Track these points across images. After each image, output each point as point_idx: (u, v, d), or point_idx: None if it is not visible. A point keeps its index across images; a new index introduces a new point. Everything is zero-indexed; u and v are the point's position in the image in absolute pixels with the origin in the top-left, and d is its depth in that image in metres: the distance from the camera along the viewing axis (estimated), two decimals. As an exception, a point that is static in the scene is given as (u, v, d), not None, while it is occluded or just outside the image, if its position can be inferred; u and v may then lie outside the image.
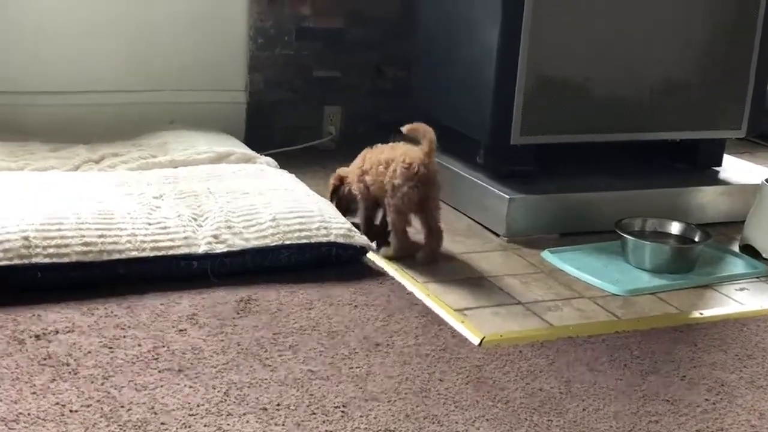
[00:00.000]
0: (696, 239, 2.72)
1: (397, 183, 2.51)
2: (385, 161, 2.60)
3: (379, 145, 2.71)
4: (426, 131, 2.55)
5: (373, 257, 2.55)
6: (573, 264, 2.61)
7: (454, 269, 2.56)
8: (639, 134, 3.07)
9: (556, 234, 2.87)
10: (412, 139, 2.61)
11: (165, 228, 2.34)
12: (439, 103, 3.22)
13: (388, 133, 3.37)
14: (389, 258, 2.54)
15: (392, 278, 2.43)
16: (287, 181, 2.78)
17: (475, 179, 2.99)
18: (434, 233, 2.57)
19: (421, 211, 2.55)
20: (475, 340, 2.11)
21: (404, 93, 3.59)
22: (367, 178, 2.61)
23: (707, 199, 3.06)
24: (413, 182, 2.51)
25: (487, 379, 1.94)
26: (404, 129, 2.59)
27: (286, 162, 3.25)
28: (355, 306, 2.24)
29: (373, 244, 2.54)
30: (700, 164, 3.25)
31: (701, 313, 2.36)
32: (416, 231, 2.61)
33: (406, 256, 2.54)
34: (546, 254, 2.70)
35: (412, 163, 2.52)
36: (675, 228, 2.78)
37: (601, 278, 2.52)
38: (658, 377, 1.99)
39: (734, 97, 3.12)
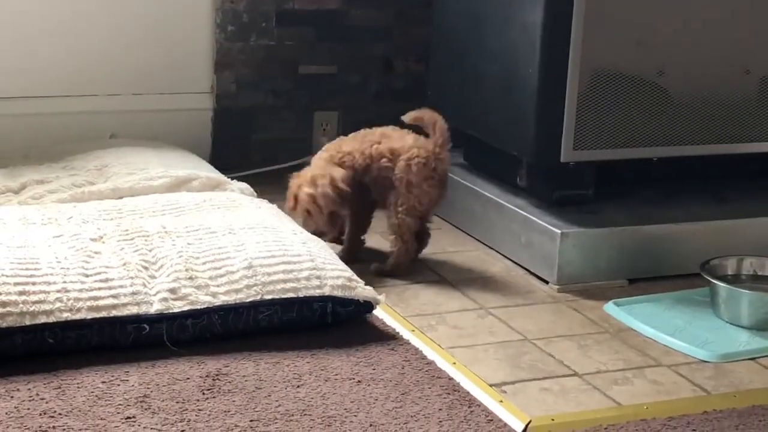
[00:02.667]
0: (810, 285, 2.71)
1: (415, 180, 2.66)
2: (389, 152, 2.74)
3: (364, 131, 2.90)
4: (435, 119, 2.76)
5: (383, 315, 2.55)
6: (647, 321, 2.60)
7: (488, 329, 2.55)
8: (732, 146, 3.07)
9: (624, 280, 2.86)
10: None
11: (106, 281, 2.34)
12: (463, 108, 3.23)
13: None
14: (388, 272, 2.67)
15: (407, 342, 2.43)
16: (267, 215, 2.79)
17: (514, 208, 2.99)
18: (425, 238, 2.85)
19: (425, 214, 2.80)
20: (519, 427, 2.10)
21: (420, 94, 3.60)
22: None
23: (824, 231, 3.05)
24: (434, 179, 2.70)
25: (534, 479, 1.93)
26: (407, 117, 2.78)
27: (266, 187, 3.26)
28: (359, 381, 2.23)
29: (382, 297, 2.54)
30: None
31: (818, 386, 2.35)
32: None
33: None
34: (610, 307, 2.69)
35: (429, 157, 2.71)
36: (780, 270, 2.78)
37: (684, 339, 2.51)
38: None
39: None
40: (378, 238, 2.97)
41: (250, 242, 2.54)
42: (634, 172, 3.12)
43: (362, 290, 2.47)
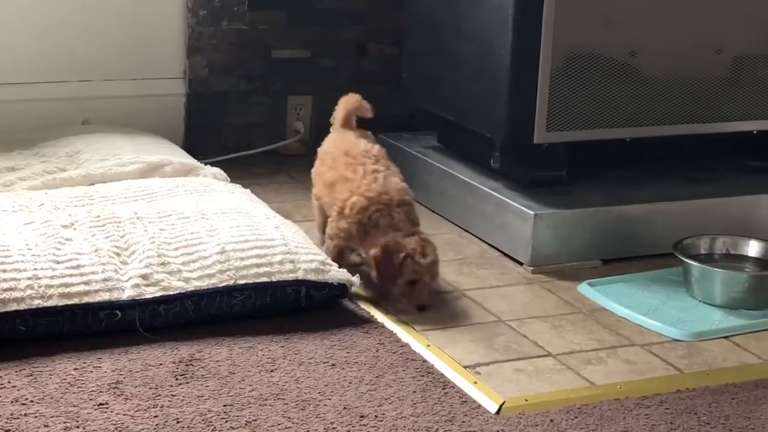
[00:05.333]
0: (781, 263, 2.72)
1: None
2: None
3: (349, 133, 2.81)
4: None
5: (358, 299, 2.54)
6: (620, 300, 2.61)
7: (463, 312, 2.55)
8: (703, 125, 3.08)
9: (598, 261, 2.87)
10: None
11: (78, 267, 2.33)
12: (437, 91, 3.23)
13: (375, 130, 3.38)
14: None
15: (381, 326, 2.43)
16: (240, 200, 2.78)
17: (488, 190, 2.99)
18: None
19: None
20: (492, 407, 2.10)
21: (395, 77, 3.59)
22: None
23: (796, 209, 3.07)
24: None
25: (508, 459, 1.93)
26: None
27: (239, 172, 3.25)
28: (333, 365, 2.23)
29: (356, 278, 2.54)
30: (782, 161, 3.26)
31: (790, 363, 2.36)
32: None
33: None
34: (584, 288, 2.69)
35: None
36: (753, 249, 2.78)
37: (657, 318, 2.52)
38: (734, 451, 1.99)
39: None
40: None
41: (223, 227, 2.53)
42: (608, 152, 3.12)
43: (336, 273, 2.47)
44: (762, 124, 3.15)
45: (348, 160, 2.65)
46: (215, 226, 2.53)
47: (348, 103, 2.85)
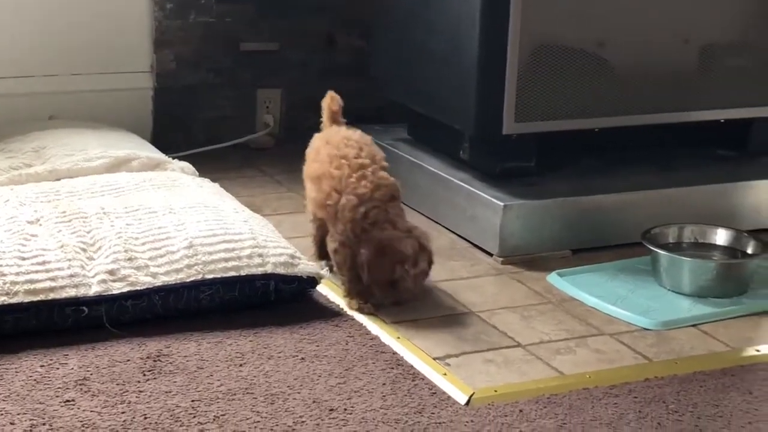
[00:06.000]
0: (749, 251, 2.73)
1: None
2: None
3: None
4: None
5: (327, 291, 2.54)
6: (589, 290, 2.62)
7: (433, 303, 2.55)
8: (672, 115, 3.09)
9: (567, 251, 2.88)
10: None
11: (43, 263, 2.31)
12: (406, 83, 3.22)
13: (348, 123, 3.36)
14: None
15: (351, 318, 2.43)
16: (208, 194, 2.76)
17: (458, 181, 2.99)
18: None
19: None
20: (462, 398, 2.10)
21: (364, 69, 3.59)
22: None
23: (763, 197, 3.08)
24: None
25: (477, 450, 1.93)
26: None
27: (208, 166, 3.24)
28: (302, 358, 2.22)
29: (326, 272, 2.53)
30: (752, 151, 3.27)
31: (758, 350, 2.37)
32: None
33: None
34: (554, 278, 2.70)
35: None
36: (721, 237, 2.80)
37: (626, 308, 2.53)
38: (702, 439, 2.00)
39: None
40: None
41: (191, 222, 2.51)
42: (577, 143, 3.12)
43: (305, 267, 2.46)
44: (729, 113, 3.16)
45: (331, 152, 2.55)
46: (183, 221, 2.51)
47: (328, 100, 2.75)
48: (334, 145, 2.57)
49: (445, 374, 2.19)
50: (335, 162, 2.52)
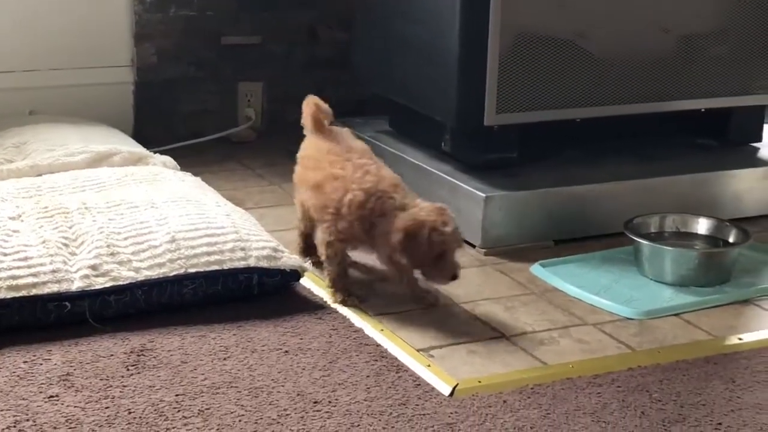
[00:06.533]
0: (731, 240, 2.74)
1: None
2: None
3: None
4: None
5: (310, 284, 2.54)
6: (572, 280, 2.63)
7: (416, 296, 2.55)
8: (652, 105, 3.10)
9: (550, 242, 2.89)
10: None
11: (25, 259, 2.30)
12: (388, 74, 3.22)
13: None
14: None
15: (334, 311, 2.43)
16: (190, 188, 2.76)
17: (440, 173, 3.00)
18: None
19: None
20: (446, 390, 2.11)
21: (346, 62, 3.59)
22: None
23: (744, 186, 3.10)
24: None
25: (461, 441, 1.94)
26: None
27: (189, 160, 3.24)
28: (286, 351, 2.23)
29: (308, 265, 2.53)
30: (733, 140, 3.29)
31: (740, 339, 2.39)
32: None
33: None
34: (537, 269, 2.71)
35: None
36: (703, 226, 2.81)
37: (608, 298, 2.54)
38: (685, 427, 2.01)
39: (772, 51, 3.18)
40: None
41: (173, 216, 2.51)
42: (559, 133, 3.13)
43: (288, 260, 2.46)
44: (709, 102, 3.18)
45: (331, 158, 2.51)
46: (165, 215, 2.51)
47: (308, 106, 2.65)
48: (336, 154, 2.52)
49: (428, 366, 2.20)
50: (338, 164, 2.48)
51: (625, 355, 2.29)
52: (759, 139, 3.31)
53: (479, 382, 2.15)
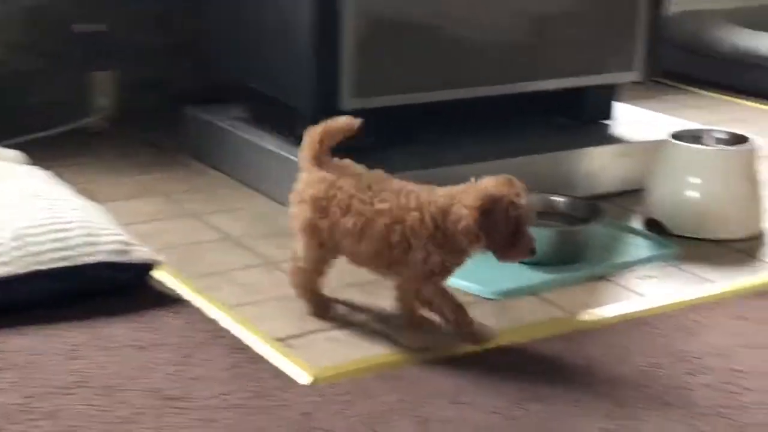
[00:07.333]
0: (585, 217, 2.79)
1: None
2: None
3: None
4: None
5: (166, 278, 2.49)
6: (431, 263, 2.63)
7: (275, 284, 2.53)
8: (507, 86, 3.13)
9: (409, 225, 2.89)
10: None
11: None
12: (242, 60, 3.19)
13: (185, 104, 3.31)
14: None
15: (190, 304, 2.39)
16: (39, 183, 2.68)
17: (295, 158, 2.94)
18: None
19: None
20: (305, 379, 2.09)
21: (199, 48, 3.53)
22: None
23: (598, 164, 3.16)
24: None
25: (318, 430, 1.92)
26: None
27: (41, 154, 3.14)
28: (140, 348, 2.18)
29: (162, 258, 2.48)
30: (586, 118, 3.35)
31: (595, 315, 2.43)
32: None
33: None
34: (396, 253, 2.71)
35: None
36: (560, 205, 2.84)
37: (465, 278, 2.54)
38: (542, 405, 2.03)
39: (623, 31, 3.23)
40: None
41: (19, 213, 2.43)
42: (419, 116, 3.14)
43: (140, 253, 2.41)
44: (566, 82, 3.23)
45: (366, 196, 2.25)
46: (10, 211, 2.43)
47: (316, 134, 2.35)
48: (358, 190, 2.26)
49: (287, 356, 2.18)
50: (377, 197, 2.24)
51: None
52: (610, 116, 3.38)
53: (339, 369, 2.14)
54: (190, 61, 3.63)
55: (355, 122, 2.32)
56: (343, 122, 2.32)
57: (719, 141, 2.95)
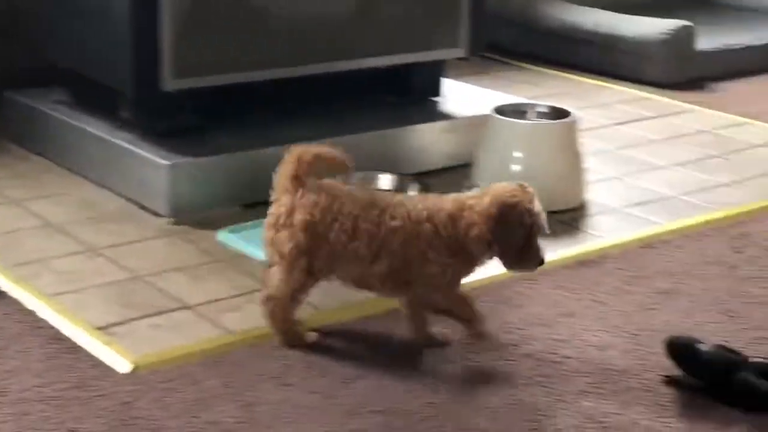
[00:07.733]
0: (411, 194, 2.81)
1: None
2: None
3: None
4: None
5: (-21, 268, 2.41)
6: (260, 244, 2.60)
7: (96, 271, 2.48)
8: (331, 64, 3.12)
9: (237, 206, 2.85)
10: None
11: None
12: (61, 41, 3.09)
13: (5, 87, 3.18)
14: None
15: (5, 294, 2.31)
16: None
17: (121, 142, 2.91)
18: None
19: None
20: (125, 367, 2.05)
21: (20, 30, 3.40)
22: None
23: (426, 140, 3.18)
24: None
25: (138, 419, 1.89)
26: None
27: None
28: (-49, 343, 2.11)
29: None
30: (415, 95, 3.37)
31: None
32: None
33: None
34: (223, 235, 2.67)
35: None
36: (384, 182, 2.87)
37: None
38: (367, 382, 2.04)
39: (447, 8, 3.25)
40: None
41: None
42: (241, 96, 3.10)
43: (-50, 244, 2.32)
44: (390, 59, 3.23)
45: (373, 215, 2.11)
46: None
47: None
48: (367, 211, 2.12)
49: (108, 344, 2.13)
50: (386, 215, 2.11)
51: (311, 315, 2.29)
52: (438, 93, 3.41)
53: (161, 356, 2.10)
54: (8, 44, 3.50)
55: (343, 157, 2.20)
56: (329, 152, 2.22)
57: (542, 115, 3.01)
